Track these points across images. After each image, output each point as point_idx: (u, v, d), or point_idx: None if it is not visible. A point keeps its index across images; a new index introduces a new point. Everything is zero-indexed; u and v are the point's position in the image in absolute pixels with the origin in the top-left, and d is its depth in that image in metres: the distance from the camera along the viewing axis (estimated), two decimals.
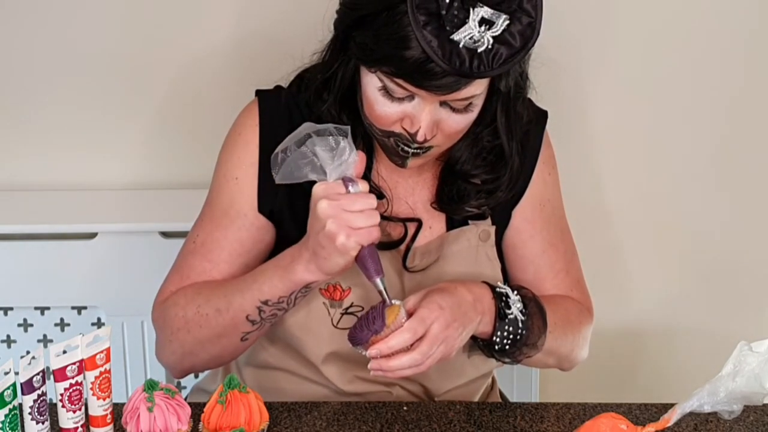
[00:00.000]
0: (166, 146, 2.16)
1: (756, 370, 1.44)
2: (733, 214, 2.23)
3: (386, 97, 1.46)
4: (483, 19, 1.38)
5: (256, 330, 1.55)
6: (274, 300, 1.51)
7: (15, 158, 2.17)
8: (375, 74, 1.45)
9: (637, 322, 2.29)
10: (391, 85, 1.44)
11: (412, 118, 1.46)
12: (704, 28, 2.12)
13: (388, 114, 1.47)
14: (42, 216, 2.09)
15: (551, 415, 1.54)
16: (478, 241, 1.63)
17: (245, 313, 1.53)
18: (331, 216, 1.40)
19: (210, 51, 2.10)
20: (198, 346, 1.58)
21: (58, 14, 2.08)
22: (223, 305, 1.54)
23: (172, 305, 1.59)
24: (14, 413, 1.35)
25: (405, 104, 1.45)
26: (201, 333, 1.56)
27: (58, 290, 2.10)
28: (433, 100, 1.44)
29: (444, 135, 1.49)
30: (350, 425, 1.51)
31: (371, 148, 1.60)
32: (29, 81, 2.13)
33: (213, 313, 1.55)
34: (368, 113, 1.50)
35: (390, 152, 1.53)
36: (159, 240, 2.08)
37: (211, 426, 1.40)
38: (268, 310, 1.52)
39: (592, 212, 2.20)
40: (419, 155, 1.50)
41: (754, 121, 2.18)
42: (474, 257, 1.63)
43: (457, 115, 1.47)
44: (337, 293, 1.59)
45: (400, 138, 1.48)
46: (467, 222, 1.63)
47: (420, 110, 1.45)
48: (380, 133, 1.50)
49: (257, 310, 1.52)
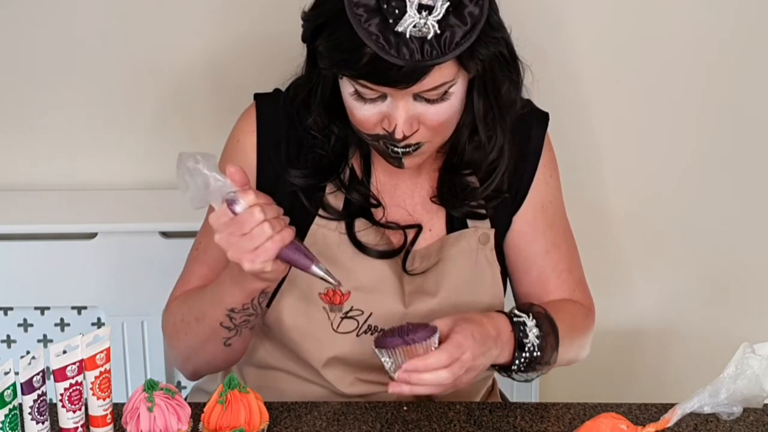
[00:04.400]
0: (167, 146, 2.16)
1: (757, 373, 1.44)
2: (735, 214, 2.23)
3: (359, 100, 1.46)
4: (421, 5, 1.37)
5: (235, 335, 1.57)
6: (239, 307, 1.53)
7: (15, 158, 2.17)
8: (346, 78, 1.46)
9: (638, 322, 2.29)
10: (359, 88, 1.44)
11: (389, 117, 1.46)
12: (708, 28, 2.12)
13: (366, 117, 1.47)
14: (42, 216, 2.09)
15: (551, 415, 1.54)
16: (478, 244, 1.63)
17: (218, 321, 1.55)
18: (227, 247, 1.42)
19: (211, 50, 2.10)
20: (191, 351, 1.61)
21: (59, 15, 2.08)
22: (200, 314, 1.57)
23: (168, 313, 1.64)
24: (14, 413, 1.35)
25: (379, 105, 1.46)
26: (188, 340, 1.60)
27: (58, 290, 2.10)
28: (402, 95, 1.43)
29: (428, 128, 1.48)
30: (350, 425, 1.51)
31: (368, 154, 1.61)
32: (29, 82, 2.13)
33: (194, 321, 1.58)
34: (351, 119, 1.51)
35: (384, 155, 1.53)
36: (159, 240, 2.08)
37: (211, 426, 1.40)
38: (238, 317, 1.54)
39: (592, 213, 2.19)
40: (410, 154, 1.50)
41: (754, 121, 2.18)
42: (474, 261, 1.63)
43: (435, 106, 1.46)
44: (337, 297, 1.59)
45: (386, 139, 1.48)
46: (467, 224, 1.63)
47: (394, 108, 1.45)
48: (368, 137, 1.51)
49: (228, 318, 1.54)
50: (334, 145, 1.58)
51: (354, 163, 1.61)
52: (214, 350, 1.59)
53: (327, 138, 1.58)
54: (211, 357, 1.61)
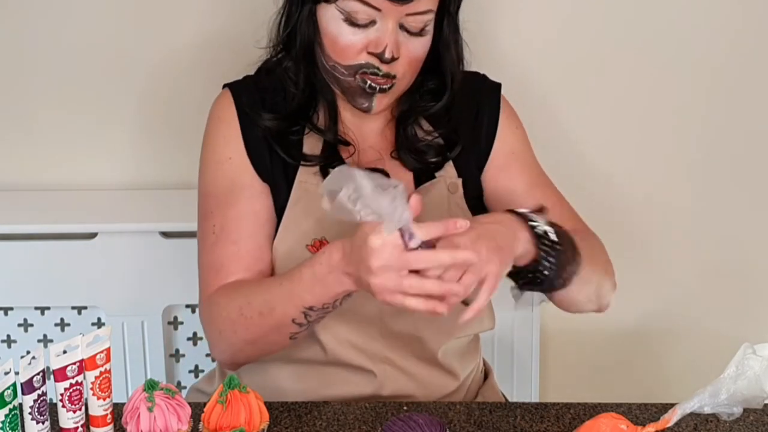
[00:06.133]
0: (167, 146, 2.16)
1: (758, 373, 1.44)
2: (735, 214, 2.23)
3: (351, 25, 1.54)
4: None
5: (304, 330, 1.54)
6: (319, 306, 1.49)
7: (15, 158, 2.17)
8: (336, 6, 1.53)
9: (638, 322, 2.29)
10: (354, 6, 1.52)
11: (377, 41, 1.54)
12: (708, 23, 2.12)
13: (353, 42, 1.55)
14: (42, 216, 2.09)
15: (551, 415, 1.54)
16: (448, 192, 1.66)
17: (290, 317, 1.51)
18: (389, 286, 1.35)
19: (212, 50, 2.10)
20: (246, 344, 1.57)
21: (55, 12, 2.08)
22: (265, 309, 1.53)
23: (215, 305, 1.58)
24: (14, 413, 1.35)
25: (369, 30, 1.54)
26: (247, 334, 1.55)
27: (58, 290, 2.10)
28: (394, 15, 1.52)
29: (406, 62, 1.56)
30: (350, 425, 1.51)
31: (334, 106, 1.65)
32: (29, 81, 2.13)
33: (257, 316, 1.53)
34: (332, 51, 1.57)
35: (356, 94, 1.59)
36: (159, 240, 2.08)
37: (211, 426, 1.40)
38: (314, 314, 1.51)
39: (592, 213, 2.19)
40: (385, 91, 1.57)
41: (755, 120, 2.18)
42: (446, 208, 1.65)
43: (415, 39, 1.56)
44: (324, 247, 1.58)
45: (367, 68, 1.55)
46: (434, 176, 1.66)
47: (383, 31, 1.54)
48: (346, 71, 1.57)
49: (303, 315, 1.51)
50: (304, 89, 1.64)
51: (321, 115, 1.66)
52: (275, 343, 1.57)
53: (297, 87, 1.63)
54: (268, 350, 1.59)
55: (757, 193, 2.22)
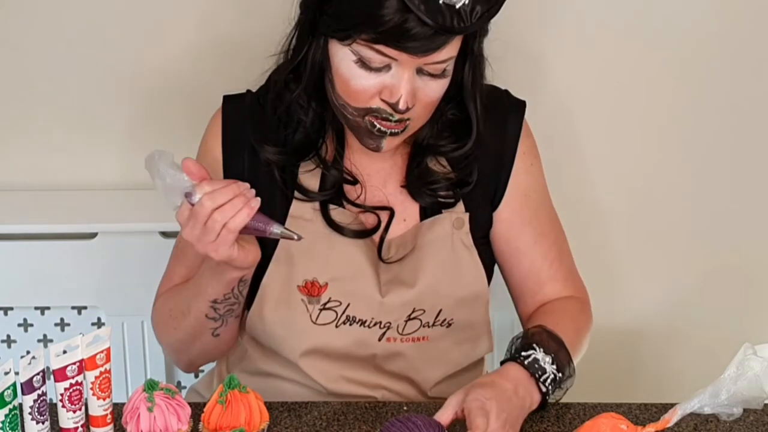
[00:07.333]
0: (167, 147, 2.14)
1: (758, 374, 1.44)
2: (735, 214, 2.23)
3: (363, 68, 1.46)
4: None
5: (222, 325, 1.61)
6: (221, 298, 1.57)
7: (15, 158, 2.17)
8: (349, 47, 1.45)
9: (638, 322, 2.29)
10: (368, 54, 1.44)
11: (392, 88, 1.46)
12: (701, 23, 2.12)
13: (365, 87, 1.47)
14: (42, 216, 2.09)
15: (551, 415, 1.54)
16: (453, 228, 1.62)
17: (203, 313, 1.59)
18: (193, 241, 1.46)
19: (212, 50, 2.10)
20: (181, 344, 1.66)
21: (55, 12, 2.08)
22: (185, 308, 1.61)
23: (156, 310, 1.69)
24: (14, 413, 1.35)
25: (383, 75, 1.46)
26: (178, 334, 1.64)
27: (58, 290, 2.10)
28: (411, 65, 1.44)
29: (422, 105, 1.49)
30: (350, 425, 1.51)
31: (342, 135, 1.61)
32: (29, 81, 2.13)
33: (180, 316, 1.62)
34: (343, 92, 1.49)
35: (364, 134, 1.53)
36: (159, 240, 2.08)
37: (211, 426, 1.40)
38: (222, 307, 1.58)
39: (591, 212, 2.19)
40: (397, 135, 1.51)
41: (754, 120, 2.17)
42: (450, 245, 1.62)
43: (434, 81, 1.48)
44: (315, 289, 1.60)
45: (378, 113, 1.48)
46: (441, 211, 1.63)
47: (399, 78, 1.45)
48: (355, 112, 1.50)
49: (212, 309, 1.58)
50: (313, 122, 1.58)
51: (328, 144, 1.61)
52: (203, 341, 1.63)
53: (306, 115, 1.58)
54: (202, 348, 1.65)
55: (758, 193, 2.22)
